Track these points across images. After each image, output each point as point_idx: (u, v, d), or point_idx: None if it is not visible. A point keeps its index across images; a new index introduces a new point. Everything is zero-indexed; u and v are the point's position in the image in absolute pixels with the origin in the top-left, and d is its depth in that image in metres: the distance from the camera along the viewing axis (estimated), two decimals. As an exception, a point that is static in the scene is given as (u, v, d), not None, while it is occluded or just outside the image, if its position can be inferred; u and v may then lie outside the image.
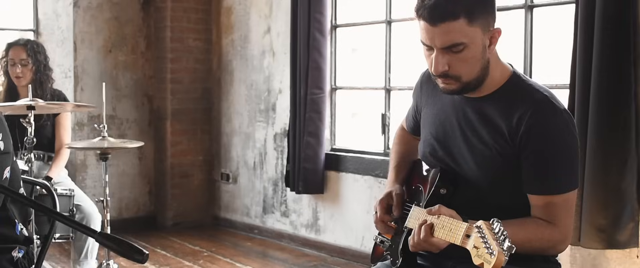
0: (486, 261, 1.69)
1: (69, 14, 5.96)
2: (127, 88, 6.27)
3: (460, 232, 1.84)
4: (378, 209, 2.30)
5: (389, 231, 2.31)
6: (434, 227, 1.95)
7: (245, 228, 6.22)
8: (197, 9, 6.40)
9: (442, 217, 1.95)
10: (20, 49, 4.17)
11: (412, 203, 2.23)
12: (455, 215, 1.94)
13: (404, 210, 2.27)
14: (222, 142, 6.46)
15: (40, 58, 4.20)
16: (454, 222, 1.90)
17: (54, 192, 2.33)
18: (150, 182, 6.49)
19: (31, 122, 3.51)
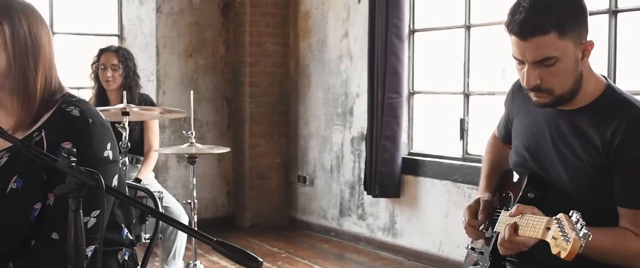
0: (562, 248, 1.72)
1: (152, 19, 6.13)
2: (207, 91, 6.40)
3: (541, 226, 1.87)
4: (466, 215, 2.32)
5: (479, 236, 2.33)
6: (518, 226, 1.96)
7: (322, 230, 6.28)
8: (275, 14, 6.49)
9: (525, 216, 1.96)
10: (112, 55, 4.35)
11: (502, 210, 2.24)
12: (537, 211, 1.96)
13: (494, 216, 2.28)
14: (299, 145, 6.53)
15: (130, 64, 4.36)
16: (536, 218, 1.92)
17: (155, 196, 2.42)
18: (228, 184, 6.62)
19: (126, 127, 3.65)
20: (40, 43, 1.84)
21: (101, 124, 1.85)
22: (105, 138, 1.84)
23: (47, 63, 1.86)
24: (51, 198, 1.78)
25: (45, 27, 1.88)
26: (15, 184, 1.77)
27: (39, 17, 1.89)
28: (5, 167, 1.80)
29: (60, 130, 1.80)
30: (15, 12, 1.80)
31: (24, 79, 1.80)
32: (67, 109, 1.83)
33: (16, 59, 1.79)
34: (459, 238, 5.01)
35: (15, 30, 1.79)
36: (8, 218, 1.78)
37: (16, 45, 1.78)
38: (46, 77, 1.86)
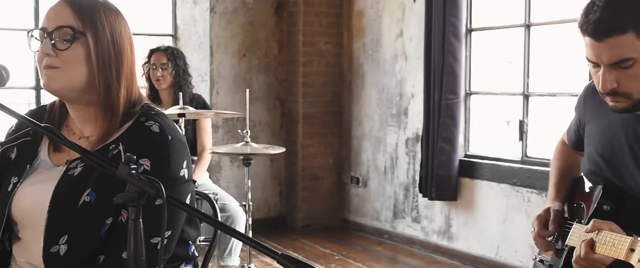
0: None
1: (206, 19, 6.12)
2: (260, 91, 6.37)
3: (624, 246, 1.75)
4: (535, 225, 2.21)
5: (548, 248, 2.22)
6: (595, 243, 1.85)
7: (375, 232, 6.20)
8: (328, 13, 6.43)
9: (603, 232, 1.85)
10: (161, 54, 4.37)
11: (573, 221, 2.13)
12: (616, 227, 1.85)
13: (565, 228, 2.17)
14: (353, 146, 6.46)
15: (180, 63, 4.36)
16: (617, 236, 1.80)
17: (215, 204, 2.37)
18: (281, 184, 6.58)
19: (181, 128, 3.62)
20: (123, 53, 1.79)
21: (180, 141, 1.79)
22: (182, 157, 1.78)
23: (129, 73, 1.81)
24: (124, 215, 1.72)
25: (128, 33, 1.82)
26: (88, 197, 1.72)
27: (123, 21, 1.82)
28: (79, 178, 1.75)
29: (139, 146, 1.74)
30: (99, 20, 1.74)
31: (106, 91, 1.75)
32: (147, 124, 1.77)
33: (100, 72, 1.74)
34: (517, 244, 4.88)
35: (99, 41, 1.73)
36: (79, 232, 1.72)
37: (100, 57, 1.73)
38: (128, 88, 1.81)
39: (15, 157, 1.87)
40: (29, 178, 1.82)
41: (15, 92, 5.88)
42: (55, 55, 1.71)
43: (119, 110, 1.78)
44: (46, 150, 1.86)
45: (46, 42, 1.72)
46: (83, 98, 1.77)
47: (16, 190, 1.80)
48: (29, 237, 1.81)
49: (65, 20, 1.72)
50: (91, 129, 1.82)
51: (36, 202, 1.76)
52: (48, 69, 1.72)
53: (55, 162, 1.84)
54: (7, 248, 1.87)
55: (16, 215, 1.82)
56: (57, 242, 1.72)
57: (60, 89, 1.74)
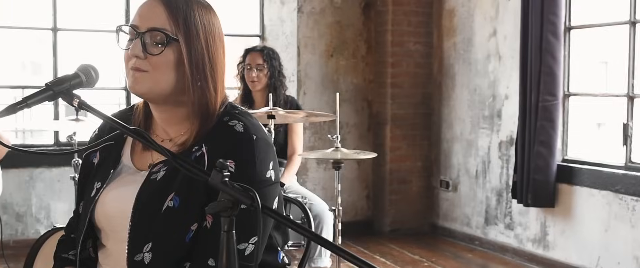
0: None
1: (293, 19, 6.05)
2: (348, 92, 6.26)
3: None
4: None
5: None
6: None
7: (465, 238, 5.98)
8: (418, 12, 6.26)
9: None
10: (257, 55, 4.27)
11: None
12: None
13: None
14: (442, 149, 6.26)
15: (275, 64, 4.27)
16: None
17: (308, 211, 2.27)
18: (368, 187, 6.45)
19: (272, 131, 3.54)
20: (217, 57, 1.70)
21: (265, 142, 1.69)
22: (268, 157, 1.68)
23: (221, 77, 1.72)
24: (209, 220, 1.63)
25: (221, 34, 1.74)
26: (171, 202, 1.64)
27: (216, 22, 1.73)
28: (163, 183, 1.67)
29: (222, 146, 1.65)
30: (193, 24, 1.65)
31: (201, 97, 1.67)
32: (230, 123, 1.68)
33: (193, 78, 1.65)
34: (620, 255, 4.60)
35: (192, 47, 1.65)
36: (163, 238, 1.64)
37: (193, 64, 1.65)
38: (221, 92, 1.73)
39: (98, 162, 1.82)
40: (112, 183, 1.76)
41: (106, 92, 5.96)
42: (145, 58, 1.63)
43: (215, 114, 1.70)
44: (129, 153, 1.80)
45: (136, 43, 1.64)
46: (169, 100, 1.69)
47: (99, 195, 1.75)
48: (112, 243, 1.76)
49: (159, 22, 1.64)
50: (176, 131, 1.74)
51: (118, 208, 1.70)
52: (135, 70, 1.64)
53: (138, 166, 1.77)
54: (92, 255, 1.82)
55: (99, 222, 1.76)
56: (142, 250, 1.65)
57: (147, 92, 1.67)
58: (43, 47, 16.00)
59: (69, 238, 1.91)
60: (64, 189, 5.62)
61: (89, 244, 1.81)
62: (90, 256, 1.82)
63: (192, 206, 1.62)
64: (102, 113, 1.53)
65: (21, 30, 5.67)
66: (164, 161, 1.70)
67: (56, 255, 1.90)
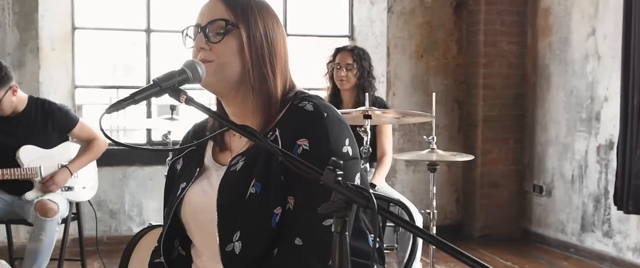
0: None
1: (383, 19, 5.98)
2: (438, 94, 6.11)
3: None
4: None
5: None
6: None
7: (560, 245, 5.77)
8: (511, 11, 6.09)
9: None
10: (347, 54, 4.23)
11: None
12: None
13: None
14: (536, 152, 6.07)
15: (365, 64, 4.21)
16: None
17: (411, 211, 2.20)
18: (458, 190, 6.32)
19: (368, 131, 3.48)
20: (276, 45, 1.75)
21: (337, 119, 1.70)
22: (342, 134, 1.68)
23: (283, 65, 1.77)
24: (291, 202, 1.65)
25: (280, 27, 1.79)
26: (253, 189, 1.66)
27: (274, 16, 1.79)
28: (243, 172, 1.69)
29: (294, 126, 1.67)
30: (251, 13, 1.72)
31: (262, 83, 1.71)
32: (300, 105, 1.70)
33: (254, 64, 1.70)
34: None
35: (251, 33, 1.71)
36: (250, 225, 1.66)
37: (253, 49, 1.70)
38: (283, 79, 1.76)
39: (181, 167, 1.88)
40: (196, 182, 1.80)
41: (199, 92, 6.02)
42: (209, 48, 1.69)
43: (278, 102, 1.73)
44: (210, 155, 1.85)
45: (200, 37, 1.70)
46: (238, 93, 1.73)
47: (184, 193, 1.79)
48: (201, 239, 1.79)
49: (218, 13, 1.71)
50: (250, 125, 1.71)
51: (203, 202, 1.74)
52: (202, 62, 1.67)
53: (221, 163, 1.81)
54: (182, 254, 1.86)
55: (186, 219, 1.80)
56: (231, 240, 1.66)
57: (215, 82, 1.70)
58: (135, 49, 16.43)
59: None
60: (156, 187, 5.71)
61: (176, 244, 1.86)
62: (180, 254, 1.86)
63: (273, 190, 1.64)
64: (209, 109, 1.55)
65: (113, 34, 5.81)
66: (242, 153, 1.73)
67: (150, 262, 1.95)
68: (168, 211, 1.83)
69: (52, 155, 4.17)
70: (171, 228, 1.81)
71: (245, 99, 1.74)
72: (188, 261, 1.85)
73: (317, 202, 1.50)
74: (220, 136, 1.82)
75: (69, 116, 4.24)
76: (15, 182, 4.11)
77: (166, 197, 1.90)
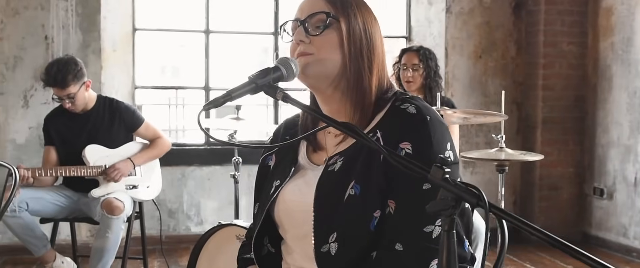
0: None
1: (441, 20, 5.94)
2: (496, 95, 6.06)
3: None
4: None
5: None
6: None
7: (621, 249, 5.66)
8: (572, 11, 5.99)
9: None
10: (413, 55, 4.21)
11: None
12: None
13: None
14: (597, 154, 5.96)
15: (431, 64, 4.19)
16: None
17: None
18: (515, 193, 6.24)
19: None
20: (374, 41, 1.72)
21: (439, 122, 1.66)
22: (444, 137, 1.65)
23: (380, 63, 1.73)
24: (392, 206, 1.61)
25: (378, 25, 1.77)
26: (352, 190, 1.63)
27: (372, 13, 1.77)
28: (341, 173, 1.67)
29: (396, 129, 1.64)
30: (351, 8, 1.70)
31: (358, 79, 1.68)
32: (402, 107, 1.66)
33: (351, 58, 1.67)
34: None
35: (351, 27, 1.68)
36: (348, 227, 1.63)
37: (352, 43, 1.68)
38: (379, 77, 1.73)
39: (274, 164, 1.86)
40: (291, 180, 1.78)
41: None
42: (309, 41, 1.67)
43: (371, 99, 1.70)
44: (304, 153, 1.82)
45: (300, 30, 1.68)
46: (336, 90, 1.70)
47: (278, 192, 1.77)
48: (294, 238, 1.78)
49: (319, 7, 1.70)
50: (341, 119, 1.69)
51: (299, 202, 1.72)
52: (301, 56, 1.66)
53: (315, 163, 1.79)
54: (271, 251, 1.85)
55: (279, 218, 1.78)
56: (327, 241, 1.64)
57: (314, 75, 1.67)
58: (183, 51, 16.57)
59: (250, 241, 1.93)
60: (213, 187, 5.75)
61: (266, 241, 1.85)
62: (270, 252, 1.85)
63: (373, 192, 1.61)
64: (308, 106, 1.55)
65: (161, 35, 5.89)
66: (340, 153, 1.71)
67: (238, 257, 1.95)
68: (261, 208, 1.81)
69: (116, 154, 4.23)
70: (262, 225, 1.80)
71: (342, 95, 1.71)
72: (278, 258, 1.84)
73: (419, 208, 1.51)
74: (314, 135, 1.80)
75: (135, 115, 4.30)
76: (81, 180, 4.19)
77: (257, 193, 1.88)
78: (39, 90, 5.29)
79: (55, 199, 4.19)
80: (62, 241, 5.03)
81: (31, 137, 5.33)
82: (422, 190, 1.57)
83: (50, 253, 4.19)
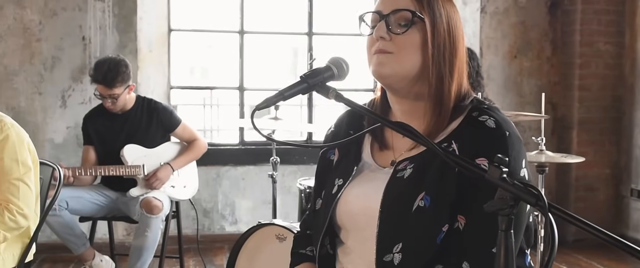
0: None
1: (476, 19, 5.91)
2: (531, 95, 6.02)
3: None
4: None
5: None
6: None
7: (660, 252, 5.58)
8: (608, 10, 5.92)
9: None
10: None
11: None
12: None
13: None
14: (634, 155, 5.89)
15: (473, 64, 4.17)
16: None
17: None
18: (551, 193, 6.18)
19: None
20: (457, 44, 1.64)
21: (517, 138, 1.59)
22: (520, 155, 1.58)
23: (461, 66, 1.65)
24: (461, 221, 1.55)
25: (461, 23, 1.68)
26: (422, 202, 1.56)
27: (456, 10, 1.67)
28: (411, 181, 1.60)
29: (474, 142, 1.57)
30: (437, 6, 1.61)
31: (438, 84, 1.61)
32: (481, 119, 1.59)
33: (433, 61, 1.60)
34: None
35: (436, 28, 1.59)
36: (414, 239, 1.57)
37: (435, 46, 1.59)
38: (459, 82, 1.65)
39: (337, 159, 1.79)
40: (354, 180, 1.71)
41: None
42: (389, 39, 1.59)
43: (449, 105, 1.62)
44: (369, 151, 1.75)
45: (381, 25, 1.60)
46: (412, 90, 1.63)
47: (341, 193, 1.71)
48: (354, 242, 1.71)
49: (403, 3, 1.60)
50: (417, 126, 1.62)
51: (363, 205, 1.66)
52: (379, 53, 1.60)
53: (380, 163, 1.71)
54: (330, 252, 1.79)
55: (341, 220, 1.72)
56: (391, 250, 1.58)
57: (391, 75, 1.60)
58: (210, 52, 16.62)
59: (305, 234, 1.90)
60: (248, 187, 5.78)
61: (327, 241, 1.78)
62: (328, 252, 1.79)
63: (444, 206, 1.55)
64: (364, 107, 1.51)
65: (191, 36, 5.93)
66: (410, 158, 1.64)
67: (293, 251, 1.89)
68: (325, 209, 1.75)
69: (154, 154, 4.27)
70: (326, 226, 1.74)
71: (418, 97, 1.64)
72: (334, 259, 1.79)
73: (490, 227, 1.41)
74: (381, 131, 1.73)
75: (173, 116, 4.34)
76: (119, 180, 4.23)
77: (318, 187, 1.82)
78: (77, 90, 5.36)
79: (94, 198, 4.24)
80: (99, 239, 5.08)
81: (69, 136, 5.40)
82: None
83: (89, 251, 4.23)
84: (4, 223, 2.68)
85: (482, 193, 1.46)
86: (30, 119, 5.33)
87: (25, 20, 5.29)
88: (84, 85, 5.34)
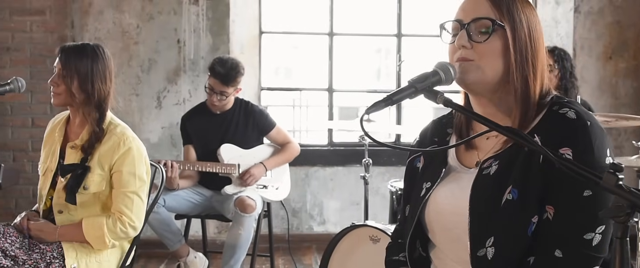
0: None
1: (569, 20, 5.78)
2: (627, 97, 5.86)
3: None
4: None
5: None
6: None
7: None
8: None
9: None
10: (547, 55, 4.11)
11: None
12: None
13: None
14: None
15: (567, 65, 4.11)
16: None
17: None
18: None
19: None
20: (538, 46, 1.67)
21: (599, 128, 1.62)
22: (604, 144, 1.61)
23: (542, 66, 1.69)
24: (550, 211, 1.59)
25: (540, 25, 1.71)
26: (510, 195, 1.61)
27: (535, 13, 1.70)
28: (497, 176, 1.65)
29: (556, 134, 1.61)
30: (517, 12, 1.65)
31: (524, 87, 1.65)
32: (561, 111, 1.63)
33: (517, 67, 1.64)
34: None
35: (517, 34, 1.64)
36: (505, 232, 1.62)
37: (517, 50, 1.63)
38: (542, 82, 1.69)
39: (423, 165, 1.86)
40: (442, 182, 1.77)
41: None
42: (471, 47, 1.64)
43: (535, 105, 1.66)
44: (454, 154, 1.81)
45: (462, 34, 1.65)
46: (495, 94, 1.68)
47: (429, 195, 1.76)
48: (445, 242, 1.77)
49: (483, 11, 1.65)
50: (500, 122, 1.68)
51: (452, 205, 1.71)
52: (462, 61, 1.64)
53: (466, 165, 1.77)
54: (423, 254, 1.84)
55: (430, 221, 1.77)
56: (484, 245, 1.63)
57: (474, 82, 1.65)
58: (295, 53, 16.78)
59: (397, 243, 1.95)
60: (336, 188, 5.82)
61: (418, 244, 1.83)
62: (421, 255, 1.84)
63: (531, 197, 1.59)
64: (470, 111, 1.54)
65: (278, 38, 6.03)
66: (494, 156, 1.68)
67: (387, 259, 1.95)
68: (412, 211, 1.81)
69: (249, 155, 4.37)
70: (414, 228, 1.80)
71: (501, 100, 1.69)
72: (428, 262, 1.84)
73: (579, 214, 1.53)
74: (466, 134, 1.78)
75: (268, 119, 4.44)
76: (214, 179, 4.34)
77: (406, 195, 1.89)
78: (172, 91, 5.52)
79: (189, 196, 4.36)
80: (191, 237, 5.21)
81: (164, 136, 5.56)
82: (583, 196, 1.55)
83: (184, 248, 4.35)
84: (115, 233, 2.81)
85: (569, 183, 1.52)
86: (128, 119, 5.48)
87: (124, 24, 5.48)
88: (178, 86, 5.50)
